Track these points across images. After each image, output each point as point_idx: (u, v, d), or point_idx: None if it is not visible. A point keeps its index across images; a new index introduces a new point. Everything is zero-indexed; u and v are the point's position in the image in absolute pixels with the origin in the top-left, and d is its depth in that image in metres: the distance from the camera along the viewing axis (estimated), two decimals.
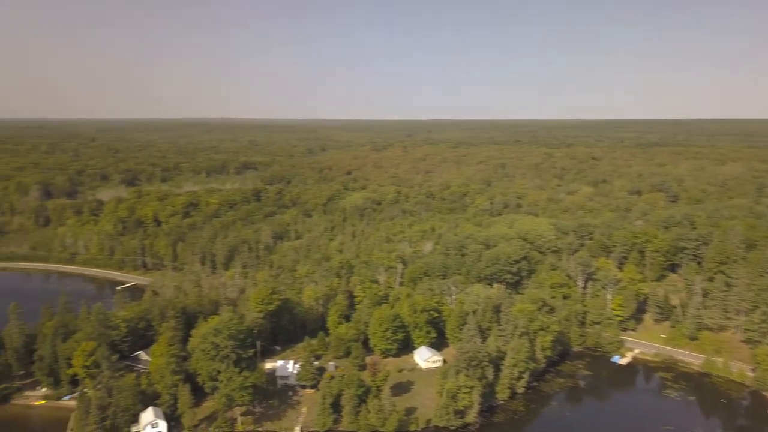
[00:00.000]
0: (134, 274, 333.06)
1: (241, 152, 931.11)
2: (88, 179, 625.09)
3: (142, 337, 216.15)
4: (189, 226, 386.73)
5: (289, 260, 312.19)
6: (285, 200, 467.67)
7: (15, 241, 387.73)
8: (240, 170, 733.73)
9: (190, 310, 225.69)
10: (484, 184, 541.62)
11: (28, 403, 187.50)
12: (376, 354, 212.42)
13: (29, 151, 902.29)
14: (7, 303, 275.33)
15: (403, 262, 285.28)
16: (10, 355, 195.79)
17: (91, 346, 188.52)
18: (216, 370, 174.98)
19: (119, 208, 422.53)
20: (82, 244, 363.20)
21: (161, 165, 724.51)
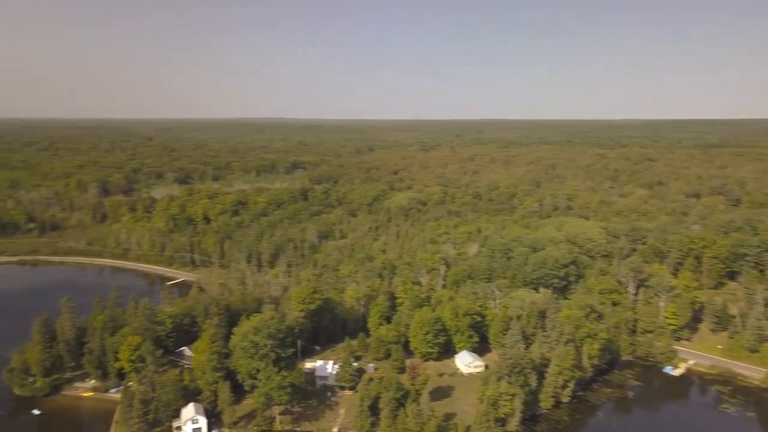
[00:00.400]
0: (183, 270, 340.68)
1: (290, 152, 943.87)
2: (143, 177, 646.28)
3: (186, 333, 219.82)
4: (237, 225, 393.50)
5: (332, 260, 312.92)
6: (331, 200, 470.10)
7: (73, 237, 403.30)
8: (289, 170, 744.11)
9: (234, 308, 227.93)
10: (534, 185, 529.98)
11: (78, 394, 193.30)
12: (416, 357, 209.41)
13: (90, 149, 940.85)
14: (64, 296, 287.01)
15: (446, 264, 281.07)
16: (62, 347, 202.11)
17: (137, 340, 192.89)
18: (255, 368, 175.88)
19: (171, 205, 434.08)
20: (135, 240, 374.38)
21: (213, 164, 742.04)
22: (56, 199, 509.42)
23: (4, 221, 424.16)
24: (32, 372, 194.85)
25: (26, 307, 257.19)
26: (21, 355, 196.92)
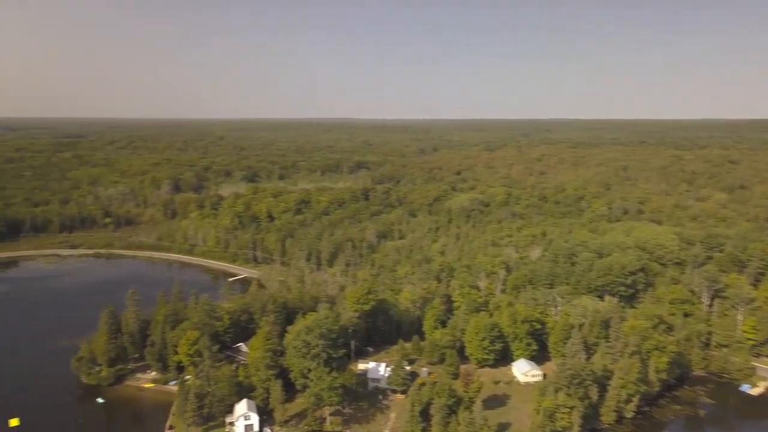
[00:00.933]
0: (246, 267, 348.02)
1: (355, 152, 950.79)
2: (213, 175, 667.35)
3: (244, 329, 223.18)
4: (299, 223, 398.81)
5: (390, 260, 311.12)
6: (392, 200, 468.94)
7: (145, 232, 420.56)
8: (353, 169, 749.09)
9: (291, 306, 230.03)
10: (603, 188, 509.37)
11: (139, 385, 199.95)
12: (471, 363, 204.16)
13: (165, 148, 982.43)
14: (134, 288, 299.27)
15: (507, 268, 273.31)
16: (126, 339, 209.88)
17: (195, 335, 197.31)
18: (307, 368, 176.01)
19: (237, 203, 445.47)
20: (201, 236, 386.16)
21: (280, 163, 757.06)
22: (131, 196, 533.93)
23: (84, 216, 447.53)
24: (98, 362, 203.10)
25: (99, 298, 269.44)
26: (89, 344, 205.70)
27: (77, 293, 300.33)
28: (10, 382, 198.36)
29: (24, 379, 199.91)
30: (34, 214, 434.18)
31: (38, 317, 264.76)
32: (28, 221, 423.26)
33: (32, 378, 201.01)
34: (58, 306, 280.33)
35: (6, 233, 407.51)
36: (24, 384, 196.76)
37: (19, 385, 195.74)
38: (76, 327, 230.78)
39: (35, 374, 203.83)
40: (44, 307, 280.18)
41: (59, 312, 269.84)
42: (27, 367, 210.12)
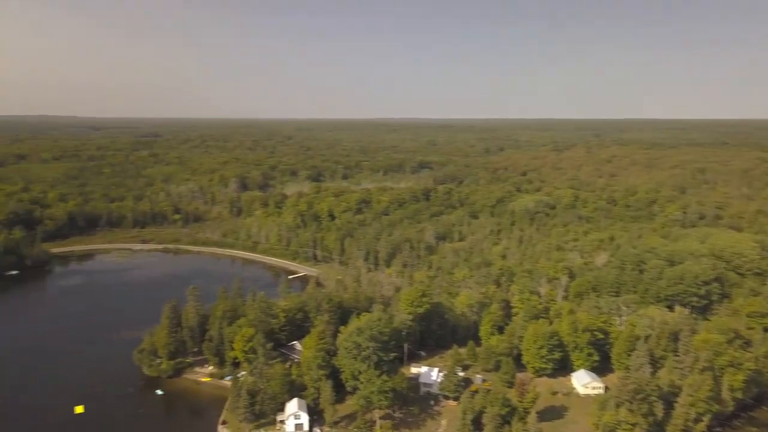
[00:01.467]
0: (305, 265, 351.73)
1: (418, 151, 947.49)
2: (279, 174, 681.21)
3: (299, 328, 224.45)
4: (359, 223, 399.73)
5: (448, 262, 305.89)
6: (453, 200, 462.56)
7: (211, 228, 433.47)
8: (416, 169, 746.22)
9: (346, 305, 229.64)
10: (678, 191, 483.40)
11: (197, 379, 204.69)
12: (528, 372, 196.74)
13: (235, 147, 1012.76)
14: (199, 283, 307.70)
15: (570, 273, 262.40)
16: (185, 333, 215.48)
17: (250, 332, 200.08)
18: (357, 370, 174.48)
19: (299, 202, 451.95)
20: (264, 234, 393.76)
21: (344, 162, 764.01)
22: (200, 193, 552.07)
23: (155, 212, 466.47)
24: (159, 354, 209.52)
25: (164, 291, 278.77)
26: (151, 337, 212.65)
27: (145, 286, 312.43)
28: (78, 370, 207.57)
29: (91, 369, 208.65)
30: (110, 210, 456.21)
31: (107, 309, 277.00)
32: (104, 216, 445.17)
33: (99, 367, 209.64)
34: (126, 298, 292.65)
35: (84, 227, 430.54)
36: (91, 373, 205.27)
37: (86, 374, 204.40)
38: (141, 319, 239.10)
39: (102, 364, 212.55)
40: (113, 299, 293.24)
41: (127, 304, 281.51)
42: (95, 356, 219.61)
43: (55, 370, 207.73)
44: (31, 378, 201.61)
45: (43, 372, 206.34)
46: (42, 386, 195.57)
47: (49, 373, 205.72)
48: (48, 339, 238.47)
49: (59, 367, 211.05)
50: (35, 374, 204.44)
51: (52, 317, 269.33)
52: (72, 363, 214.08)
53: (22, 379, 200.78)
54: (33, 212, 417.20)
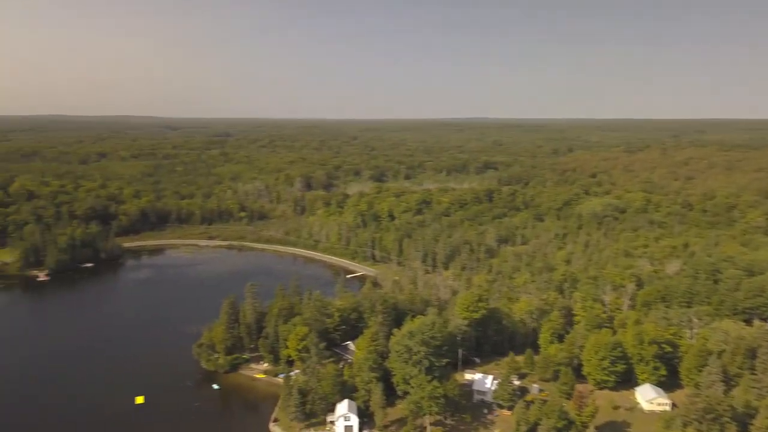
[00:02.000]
0: (364, 264, 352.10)
1: (484, 152, 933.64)
2: (342, 174, 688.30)
3: (353, 328, 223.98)
4: (418, 223, 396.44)
5: (508, 266, 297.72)
6: (517, 202, 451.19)
7: (275, 226, 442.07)
8: (480, 170, 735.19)
9: (401, 307, 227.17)
10: (761, 196, 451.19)
11: (252, 375, 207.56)
12: (588, 383, 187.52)
13: (302, 147, 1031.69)
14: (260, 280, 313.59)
15: (638, 281, 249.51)
16: (243, 330, 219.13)
17: (304, 330, 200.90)
18: (408, 374, 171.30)
19: (360, 202, 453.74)
20: (325, 233, 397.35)
21: (407, 163, 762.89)
22: (266, 192, 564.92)
23: (222, 209, 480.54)
24: (217, 349, 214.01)
25: (226, 287, 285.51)
26: (209, 332, 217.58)
27: (208, 282, 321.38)
28: (142, 361, 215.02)
29: (154, 360, 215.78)
30: (180, 207, 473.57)
31: (173, 302, 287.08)
32: (174, 213, 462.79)
33: (161, 359, 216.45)
34: (190, 293, 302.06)
35: (156, 223, 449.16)
36: (154, 365, 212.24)
37: (149, 366, 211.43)
38: (202, 314, 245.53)
39: (164, 356, 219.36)
40: (179, 293, 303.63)
41: (191, 298, 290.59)
42: (159, 348, 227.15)
43: (120, 360, 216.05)
44: (98, 367, 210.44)
45: (110, 361, 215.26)
46: (108, 375, 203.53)
47: (116, 362, 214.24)
48: (117, 329, 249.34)
49: (125, 357, 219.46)
50: (103, 363, 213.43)
51: (122, 308, 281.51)
52: (137, 354, 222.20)
53: (90, 368, 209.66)
54: (109, 208, 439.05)
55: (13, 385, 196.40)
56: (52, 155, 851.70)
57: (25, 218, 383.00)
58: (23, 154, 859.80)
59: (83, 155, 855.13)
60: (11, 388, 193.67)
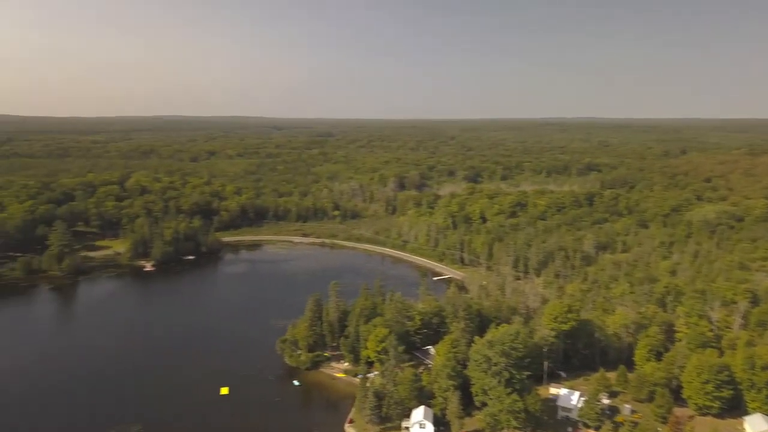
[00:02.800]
0: (451, 267, 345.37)
1: (587, 153, 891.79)
2: (436, 174, 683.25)
3: (435, 332, 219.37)
4: (511, 227, 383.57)
5: (606, 275, 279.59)
6: (620, 207, 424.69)
7: (366, 225, 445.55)
8: (582, 172, 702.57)
9: (485, 313, 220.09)
10: None
11: (332, 374, 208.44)
12: (689, 408, 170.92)
13: (399, 147, 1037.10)
14: (347, 279, 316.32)
15: (753, 298, 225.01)
16: (325, 328, 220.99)
17: (384, 332, 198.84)
18: (487, 385, 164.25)
19: (451, 203, 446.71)
20: (414, 233, 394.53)
21: (504, 163, 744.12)
22: (360, 191, 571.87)
23: (317, 207, 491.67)
24: (299, 346, 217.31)
25: (316, 284, 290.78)
26: (293, 328, 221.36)
27: (299, 277, 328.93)
28: (230, 353, 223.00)
29: (242, 352, 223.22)
30: (278, 204, 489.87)
31: (264, 296, 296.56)
32: (272, 209, 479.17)
33: (248, 352, 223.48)
34: (281, 288, 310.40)
35: (254, 219, 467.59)
36: (241, 357, 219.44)
37: (237, 357, 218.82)
38: (290, 309, 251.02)
39: (252, 349, 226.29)
40: (269, 287, 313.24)
41: (281, 293, 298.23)
42: (247, 341, 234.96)
43: (211, 350, 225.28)
44: (190, 355, 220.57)
45: (202, 351, 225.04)
46: (197, 364, 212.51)
47: (207, 352, 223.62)
48: (211, 320, 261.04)
49: (216, 347, 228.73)
50: (195, 352, 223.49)
51: (217, 300, 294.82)
52: (226, 345, 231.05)
53: (183, 356, 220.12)
54: (212, 203, 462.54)
55: (110, 366, 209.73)
56: (167, 153, 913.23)
57: (137, 212, 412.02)
58: (142, 151, 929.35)
59: (195, 153, 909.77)
60: (108, 369, 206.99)
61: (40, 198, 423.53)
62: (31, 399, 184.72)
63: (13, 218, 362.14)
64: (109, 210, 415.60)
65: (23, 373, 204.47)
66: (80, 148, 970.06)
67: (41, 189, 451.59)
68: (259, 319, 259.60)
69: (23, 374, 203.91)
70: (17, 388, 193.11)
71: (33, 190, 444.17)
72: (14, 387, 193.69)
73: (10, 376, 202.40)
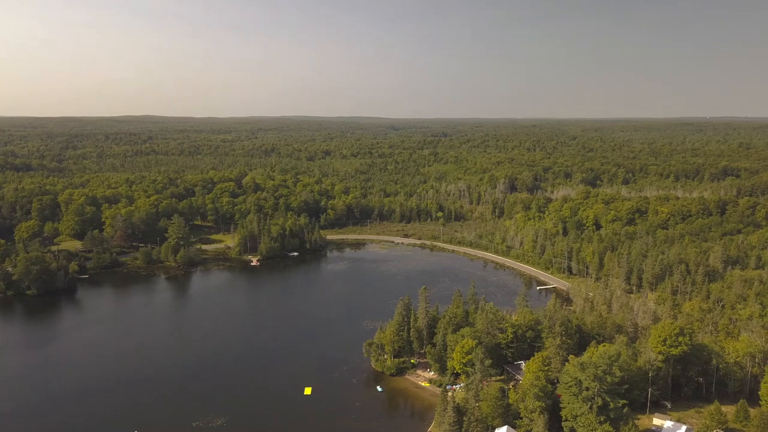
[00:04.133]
0: (557, 276, 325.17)
1: (724, 155, 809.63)
2: (551, 176, 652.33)
3: (530, 346, 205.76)
4: (627, 235, 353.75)
5: (733, 294, 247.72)
6: (757, 217, 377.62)
7: (469, 228, 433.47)
8: (716, 176, 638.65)
9: (586, 330, 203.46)
10: None
11: (417, 382, 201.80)
12: None
13: (514, 147, 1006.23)
14: (444, 283, 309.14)
15: None
16: (413, 334, 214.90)
17: (470, 343, 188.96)
18: (577, 411, 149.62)
19: (563, 207, 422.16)
20: (520, 238, 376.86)
21: (626, 166, 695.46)
22: (467, 192, 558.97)
23: (421, 208, 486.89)
24: (386, 350, 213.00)
25: (412, 286, 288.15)
26: (381, 332, 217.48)
27: (396, 278, 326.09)
28: (317, 353, 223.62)
29: (330, 352, 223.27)
30: (383, 204, 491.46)
31: (358, 295, 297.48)
32: (377, 209, 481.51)
33: (337, 352, 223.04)
34: (376, 288, 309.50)
35: (359, 218, 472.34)
36: (329, 356, 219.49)
37: (325, 357, 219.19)
38: (383, 310, 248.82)
39: (341, 349, 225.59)
40: (366, 287, 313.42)
41: (375, 293, 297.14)
42: (338, 340, 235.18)
43: (300, 348, 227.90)
44: (281, 352, 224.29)
45: (292, 348, 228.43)
46: (285, 361, 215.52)
47: (297, 349, 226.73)
48: (305, 318, 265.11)
49: (306, 345, 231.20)
50: (286, 349, 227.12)
51: (313, 297, 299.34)
52: (316, 343, 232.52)
53: (273, 353, 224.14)
54: (320, 202, 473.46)
55: (203, 357, 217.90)
56: (287, 152, 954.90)
57: (248, 208, 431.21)
58: (264, 150, 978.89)
59: (311, 152, 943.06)
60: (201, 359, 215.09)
61: (164, 193, 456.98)
62: (125, 385, 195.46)
63: (139, 211, 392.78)
64: (224, 206, 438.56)
65: (121, 360, 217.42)
66: (210, 146, 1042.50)
67: (167, 184, 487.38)
68: (352, 318, 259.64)
69: (121, 360, 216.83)
70: (114, 374, 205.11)
71: (160, 185, 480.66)
72: (112, 373, 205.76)
73: (112, 361, 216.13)
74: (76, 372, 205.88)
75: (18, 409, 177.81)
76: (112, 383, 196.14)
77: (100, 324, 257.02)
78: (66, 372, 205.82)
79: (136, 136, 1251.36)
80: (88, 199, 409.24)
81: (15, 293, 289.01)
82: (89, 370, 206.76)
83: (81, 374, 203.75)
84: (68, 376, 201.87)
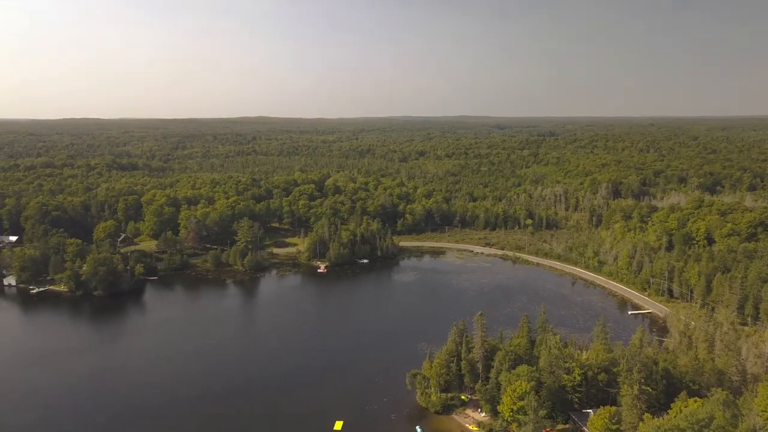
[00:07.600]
0: (655, 299, 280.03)
1: None
2: (663, 181, 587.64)
3: (602, 391, 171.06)
4: (745, 253, 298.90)
5: None
6: None
7: (560, 238, 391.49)
8: None
9: (676, 375, 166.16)
10: None
11: (464, 424, 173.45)
12: None
13: (624, 148, 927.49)
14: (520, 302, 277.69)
15: None
16: (464, 367, 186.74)
17: (524, 388, 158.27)
18: None
19: (670, 217, 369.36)
20: (615, 252, 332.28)
21: (754, 170, 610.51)
22: (564, 197, 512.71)
23: (508, 214, 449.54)
24: (431, 383, 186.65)
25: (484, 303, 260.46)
26: (429, 361, 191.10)
27: (467, 294, 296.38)
28: (361, 378, 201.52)
29: (370, 379, 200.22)
30: (466, 209, 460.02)
31: (419, 312, 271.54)
32: (459, 215, 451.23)
33: (377, 379, 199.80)
34: (442, 304, 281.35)
35: (439, 224, 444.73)
36: (370, 384, 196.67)
37: (366, 384, 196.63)
38: (443, 332, 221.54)
39: (382, 376, 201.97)
40: (431, 302, 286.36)
41: (439, 310, 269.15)
42: (380, 366, 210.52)
43: (344, 372, 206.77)
44: (321, 372, 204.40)
45: (333, 369, 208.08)
46: (324, 384, 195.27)
47: (339, 372, 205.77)
48: (357, 334, 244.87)
49: (350, 368, 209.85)
50: (327, 368, 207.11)
51: (373, 311, 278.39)
52: (360, 367, 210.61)
53: (309, 376, 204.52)
54: (398, 206, 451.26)
55: (238, 377, 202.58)
56: (381, 153, 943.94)
57: (324, 211, 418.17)
58: (359, 150, 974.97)
59: (405, 153, 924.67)
60: (231, 379, 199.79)
61: (245, 194, 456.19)
62: (134, 411, 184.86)
63: (215, 212, 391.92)
64: (300, 209, 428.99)
65: (149, 380, 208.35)
66: (309, 147, 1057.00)
67: (249, 185, 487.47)
68: (407, 339, 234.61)
69: (149, 380, 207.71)
70: (137, 396, 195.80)
71: (242, 186, 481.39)
72: (156, 377, 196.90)
73: (142, 381, 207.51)
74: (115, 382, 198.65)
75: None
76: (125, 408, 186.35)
77: (149, 331, 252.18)
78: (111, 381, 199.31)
79: (242, 137, 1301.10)
80: (169, 200, 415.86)
81: (83, 293, 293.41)
82: (126, 380, 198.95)
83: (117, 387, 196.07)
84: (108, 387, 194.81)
